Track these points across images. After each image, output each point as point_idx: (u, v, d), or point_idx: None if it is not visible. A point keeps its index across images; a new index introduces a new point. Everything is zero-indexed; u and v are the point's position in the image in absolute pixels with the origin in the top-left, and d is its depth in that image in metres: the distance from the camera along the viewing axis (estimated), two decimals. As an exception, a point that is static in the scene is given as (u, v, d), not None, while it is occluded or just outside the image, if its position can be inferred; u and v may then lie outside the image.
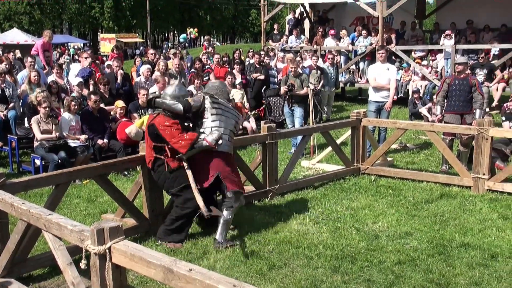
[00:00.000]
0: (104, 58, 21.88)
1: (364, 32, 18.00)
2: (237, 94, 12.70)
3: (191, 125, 6.59)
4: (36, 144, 9.36)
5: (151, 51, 16.39)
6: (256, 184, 8.09)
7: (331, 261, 5.80)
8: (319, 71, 13.89)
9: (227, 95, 6.90)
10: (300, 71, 11.80)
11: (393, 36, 17.54)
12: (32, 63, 11.58)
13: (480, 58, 15.27)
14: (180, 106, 6.34)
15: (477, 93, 9.48)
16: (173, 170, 6.30)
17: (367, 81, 13.13)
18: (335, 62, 15.33)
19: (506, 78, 15.41)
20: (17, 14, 56.40)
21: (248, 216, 7.27)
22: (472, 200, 7.92)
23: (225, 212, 6.37)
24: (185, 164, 6.30)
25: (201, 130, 6.46)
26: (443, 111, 9.81)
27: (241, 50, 17.03)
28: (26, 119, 10.18)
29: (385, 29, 17.49)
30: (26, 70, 11.72)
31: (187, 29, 49.79)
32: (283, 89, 11.30)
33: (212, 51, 17.26)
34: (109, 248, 3.54)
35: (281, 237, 6.52)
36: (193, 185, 6.22)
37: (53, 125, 9.40)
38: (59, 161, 9.03)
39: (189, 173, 6.26)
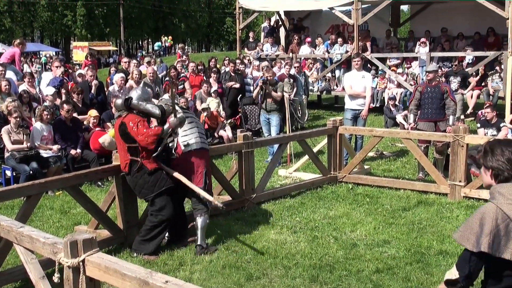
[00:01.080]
0: (77, 67, 21.65)
1: (339, 40, 18.15)
2: (212, 103, 12.70)
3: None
4: (6, 154, 9.21)
5: (125, 59, 16.30)
6: (232, 193, 8.07)
7: (310, 271, 5.79)
8: (291, 79, 13.89)
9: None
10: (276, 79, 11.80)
11: (368, 44, 17.73)
12: (3, 72, 11.40)
13: (454, 66, 15.50)
14: (158, 111, 6.39)
15: (449, 100, 9.60)
16: (152, 172, 6.23)
17: (343, 89, 13.23)
18: (303, 70, 15.44)
19: (481, 72, 15.68)
20: (-14, 22, 55.74)
21: (225, 226, 7.24)
22: (449, 207, 8.01)
23: (201, 218, 6.44)
24: (165, 168, 6.35)
25: (181, 135, 6.55)
26: (416, 118, 9.92)
27: (216, 58, 17.03)
28: (-4, 129, 10.01)
29: (361, 37, 17.67)
30: (-5, 79, 11.52)
31: (162, 37, 49.71)
32: (260, 81, 11.24)
33: (187, 59, 17.22)
34: (83, 261, 3.49)
35: (258, 247, 6.50)
36: (188, 183, 6.29)
37: (24, 135, 9.27)
38: (31, 172, 8.90)
39: (177, 175, 6.31)
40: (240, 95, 14.24)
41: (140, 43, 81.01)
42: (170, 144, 6.59)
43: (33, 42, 61.13)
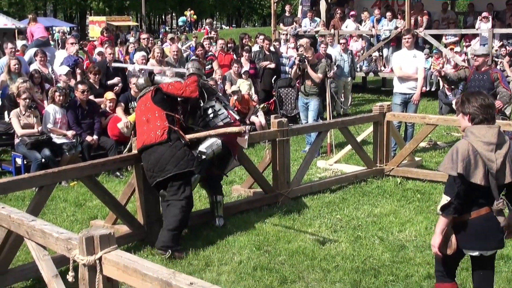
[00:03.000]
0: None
1: (388, 14, 17.93)
2: (243, 85, 12.68)
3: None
4: (17, 141, 9.39)
5: (143, 35, 16.38)
6: (265, 187, 8.09)
7: (351, 275, 5.79)
8: (328, 59, 13.68)
9: None
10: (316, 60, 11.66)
11: (425, 19, 17.41)
12: (13, 50, 11.60)
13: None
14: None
15: (501, 87, 9.41)
16: (190, 145, 6.46)
17: (392, 70, 13.09)
18: (349, 48, 15.31)
19: None
20: (-4, -6, 56.57)
21: (256, 223, 7.27)
22: (512, 206, 7.87)
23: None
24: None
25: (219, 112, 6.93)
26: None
27: (249, 35, 16.99)
28: (6, 112, 10.22)
29: (414, 11, 17.40)
30: (6, 57, 11.73)
31: (188, 10, 49.83)
32: (296, 59, 11.19)
33: (215, 35, 17.20)
34: (100, 259, 3.54)
35: (294, 247, 6.52)
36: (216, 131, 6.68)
37: (35, 118, 9.41)
38: (43, 160, 9.05)
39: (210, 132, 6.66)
40: (275, 76, 14.19)
41: (163, 17, 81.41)
42: (220, 112, 6.88)
43: (46, 16, 61.84)
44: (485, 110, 4.23)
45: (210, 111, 6.85)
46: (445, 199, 4.20)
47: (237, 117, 7.21)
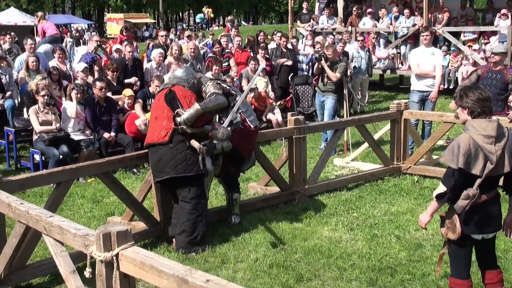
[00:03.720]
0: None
1: (406, 11, 17.83)
2: (260, 82, 12.68)
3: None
4: (35, 137, 9.46)
5: (161, 32, 16.41)
6: (281, 184, 8.09)
7: (367, 273, 5.77)
8: (345, 57, 13.61)
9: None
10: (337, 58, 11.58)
11: (445, 16, 17.27)
12: (33, 46, 11.67)
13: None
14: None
15: None
16: (194, 149, 6.26)
17: (410, 67, 13.02)
18: (366, 45, 15.23)
19: None
20: (15, -9, 56.92)
21: (272, 221, 7.27)
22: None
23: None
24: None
25: (243, 110, 6.94)
26: None
27: (265, 32, 16.95)
28: (25, 109, 10.30)
29: (434, 8, 17.28)
30: (24, 54, 11.82)
31: (204, 8, 49.93)
32: (314, 52, 11.08)
33: (236, 32, 17.21)
34: (117, 255, 3.57)
35: (310, 245, 6.51)
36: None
37: (53, 115, 9.48)
38: (61, 156, 9.11)
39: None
40: (292, 73, 14.17)
41: (181, 14, 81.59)
42: (235, 121, 6.78)
43: (64, 13, 62.19)
44: (482, 104, 4.46)
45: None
46: (442, 188, 4.47)
47: (252, 125, 7.05)
